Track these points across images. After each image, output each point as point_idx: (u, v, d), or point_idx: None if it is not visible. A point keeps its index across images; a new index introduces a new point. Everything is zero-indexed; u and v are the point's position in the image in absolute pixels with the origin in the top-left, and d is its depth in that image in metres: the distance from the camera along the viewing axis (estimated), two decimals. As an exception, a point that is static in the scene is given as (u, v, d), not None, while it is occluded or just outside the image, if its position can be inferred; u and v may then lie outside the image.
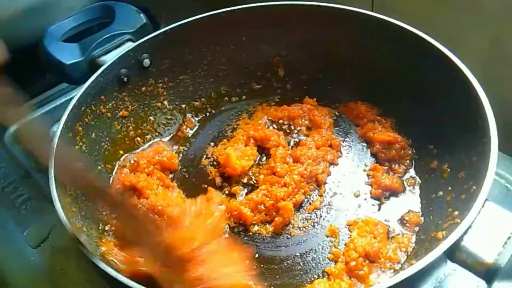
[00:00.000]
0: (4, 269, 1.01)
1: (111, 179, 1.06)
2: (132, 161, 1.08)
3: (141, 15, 1.19)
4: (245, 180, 1.06)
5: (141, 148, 1.13)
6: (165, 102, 1.18)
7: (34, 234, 1.06)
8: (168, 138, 1.18)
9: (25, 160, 1.20)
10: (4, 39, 0.98)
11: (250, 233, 0.97)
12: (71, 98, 0.97)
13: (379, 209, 0.99)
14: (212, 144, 1.15)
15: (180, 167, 1.11)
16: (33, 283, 0.99)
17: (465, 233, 0.71)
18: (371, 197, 1.01)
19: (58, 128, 0.93)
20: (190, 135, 1.18)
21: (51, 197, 0.83)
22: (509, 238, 0.71)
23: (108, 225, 0.95)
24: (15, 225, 1.08)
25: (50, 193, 1.06)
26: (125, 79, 1.10)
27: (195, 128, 1.20)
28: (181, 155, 1.14)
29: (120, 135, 1.11)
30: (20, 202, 1.12)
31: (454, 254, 0.72)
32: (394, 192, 1.00)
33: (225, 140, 1.15)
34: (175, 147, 1.15)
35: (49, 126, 1.20)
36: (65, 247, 1.02)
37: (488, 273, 0.70)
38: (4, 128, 1.26)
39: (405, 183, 1.02)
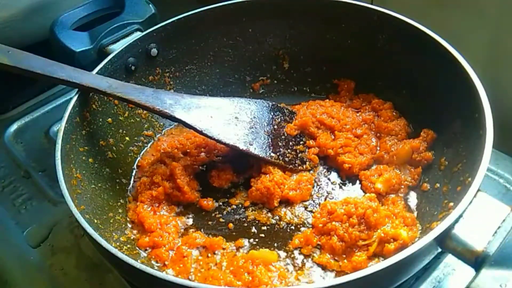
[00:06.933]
0: (4, 269, 1.02)
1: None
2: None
3: (150, 5, 1.22)
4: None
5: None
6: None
7: (34, 234, 1.07)
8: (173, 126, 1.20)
9: (25, 160, 1.22)
10: (5, 39, 1.01)
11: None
12: (71, 98, 0.99)
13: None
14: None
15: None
16: (33, 283, 1.00)
17: (456, 221, 0.73)
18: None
19: (66, 112, 0.96)
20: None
21: (57, 178, 0.85)
22: (499, 227, 0.72)
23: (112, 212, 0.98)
24: (15, 225, 1.09)
25: (50, 190, 1.13)
26: (133, 67, 1.12)
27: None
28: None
29: (126, 122, 1.14)
30: (20, 202, 1.14)
31: (445, 241, 0.73)
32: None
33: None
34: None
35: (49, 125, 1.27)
36: (65, 247, 1.04)
37: (477, 261, 0.71)
38: (4, 128, 1.30)
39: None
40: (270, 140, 1.07)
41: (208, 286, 0.69)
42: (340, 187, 1.05)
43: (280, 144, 1.08)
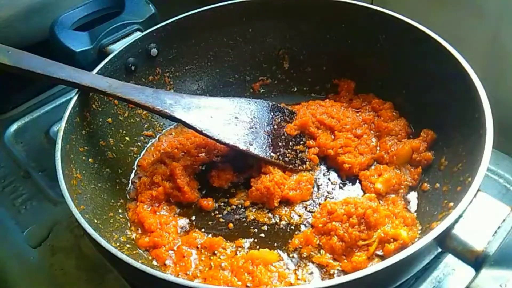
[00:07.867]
0: (4, 269, 1.02)
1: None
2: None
3: (150, 5, 1.22)
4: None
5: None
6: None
7: (34, 234, 1.07)
8: (173, 126, 1.20)
9: (25, 160, 1.22)
10: (5, 39, 1.01)
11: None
12: (71, 98, 0.99)
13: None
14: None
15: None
16: (33, 283, 1.00)
17: (456, 221, 0.73)
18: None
19: (66, 112, 0.96)
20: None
21: (57, 178, 0.85)
22: (499, 227, 0.72)
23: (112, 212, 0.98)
24: (15, 225, 1.09)
25: (50, 190, 1.12)
26: (133, 67, 1.12)
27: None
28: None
29: (126, 122, 1.14)
30: (20, 202, 1.14)
31: (445, 241, 0.73)
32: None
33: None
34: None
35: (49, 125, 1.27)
36: (65, 247, 1.03)
37: (477, 261, 0.71)
38: (4, 128, 1.30)
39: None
40: (270, 140, 1.07)
41: (208, 286, 0.69)
42: (340, 187, 1.05)
43: (280, 144, 1.08)
